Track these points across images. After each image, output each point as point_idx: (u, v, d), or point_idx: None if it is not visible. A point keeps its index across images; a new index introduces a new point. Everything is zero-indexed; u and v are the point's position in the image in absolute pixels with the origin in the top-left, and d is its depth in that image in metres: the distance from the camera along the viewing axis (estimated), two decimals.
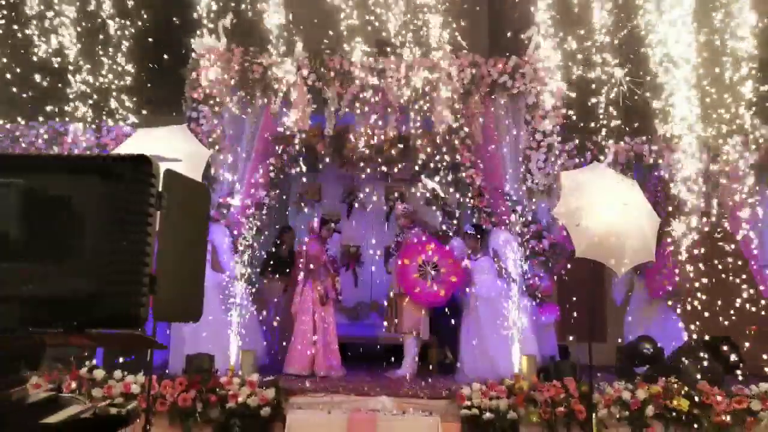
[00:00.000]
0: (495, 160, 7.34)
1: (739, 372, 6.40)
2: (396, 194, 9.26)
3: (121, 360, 5.67)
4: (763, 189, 7.46)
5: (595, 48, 6.92)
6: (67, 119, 7.01)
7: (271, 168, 7.29)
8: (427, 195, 9.01)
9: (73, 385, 5.29)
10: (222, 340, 5.92)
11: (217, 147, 7.04)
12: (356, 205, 9.26)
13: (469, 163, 7.36)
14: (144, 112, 7.17)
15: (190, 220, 1.52)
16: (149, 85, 8.07)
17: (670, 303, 7.36)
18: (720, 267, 7.03)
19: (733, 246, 7.49)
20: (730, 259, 7.35)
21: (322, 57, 7.21)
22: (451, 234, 7.94)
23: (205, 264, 1.57)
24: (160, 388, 5.27)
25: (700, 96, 6.83)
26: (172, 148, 4.47)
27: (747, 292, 7.37)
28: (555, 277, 7.21)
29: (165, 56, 7.44)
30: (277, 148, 7.31)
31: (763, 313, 7.42)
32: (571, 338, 6.94)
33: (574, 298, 6.56)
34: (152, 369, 4.95)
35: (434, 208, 8.85)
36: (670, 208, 7.12)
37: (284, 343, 6.82)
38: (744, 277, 7.40)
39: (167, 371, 5.98)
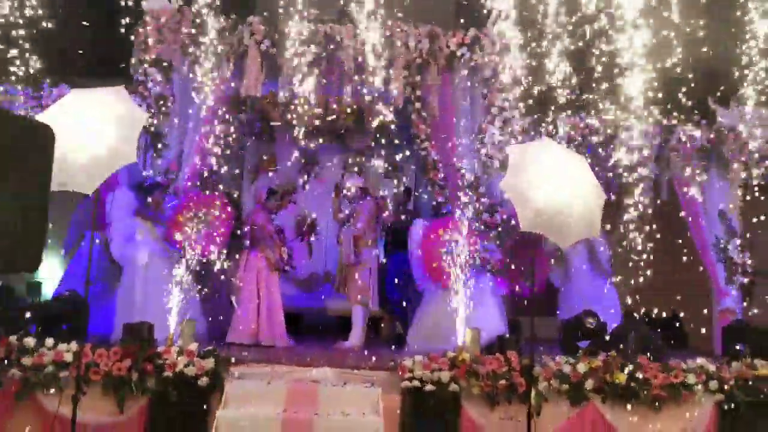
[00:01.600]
0: (450, 133, 7.34)
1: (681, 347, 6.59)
2: (353, 166, 9.21)
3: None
4: (711, 172, 7.61)
5: (555, 25, 6.96)
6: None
7: (223, 135, 7.16)
8: (386, 167, 9.04)
9: (2, 353, 5.17)
10: (164, 310, 5.84)
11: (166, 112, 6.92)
12: (313, 175, 9.20)
13: (424, 136, 7.34)
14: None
15: (23, 164, 1.43)
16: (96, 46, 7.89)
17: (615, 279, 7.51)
18: (668, 244, 7.18)
19: (682, 225, 7.67)
20: (678, 238, 7.53)
21: (276, 22, 7.07)
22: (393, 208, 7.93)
23: (47, 210, 1.49)
24: (94, 356, 5.16)
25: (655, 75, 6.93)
26: (106, 110, 4.37)
27: (693, 270, 7.60)
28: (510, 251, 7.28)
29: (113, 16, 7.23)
30: (228, 114, 7.18)
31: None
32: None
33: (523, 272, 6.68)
34: (86, 337, 4.88)
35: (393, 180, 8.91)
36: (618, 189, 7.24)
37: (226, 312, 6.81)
38: (692, 256, 7.62)
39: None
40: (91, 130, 4.31)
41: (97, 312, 6.24)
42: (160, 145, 6.97)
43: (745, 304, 7.25)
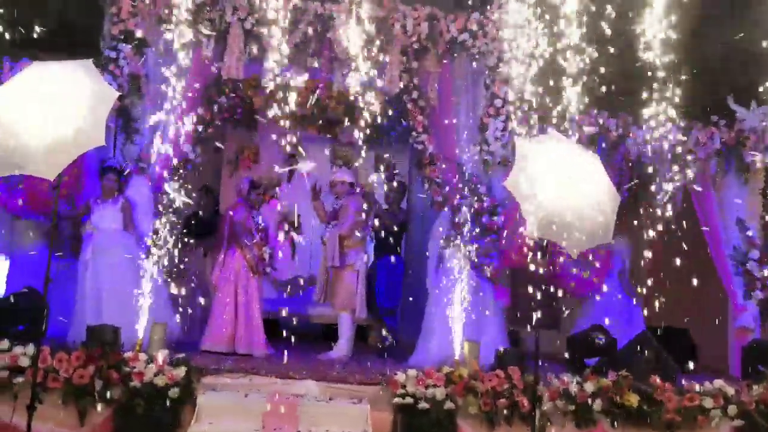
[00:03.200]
0: (449, 126, 7.22)
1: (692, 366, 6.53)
2: (341, 160, 9.08)
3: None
4: (729, 176, 7.58)
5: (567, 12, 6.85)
6: None
7: (201, 121, 6.99)
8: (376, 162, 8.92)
9: None
10: (130, 311, 5.67)
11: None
12: (298, 169, 9.05)
13: (421, 129, 7.23)
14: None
15: None
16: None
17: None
18: (681, 254, 7.11)
19: (697, 233, 7.61)
20: (692, 248, 7.47)
21: None
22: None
23: None
24: (53, 361, 4.99)
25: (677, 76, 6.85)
26: (71, 86, 4.18)
27: (707, 282, 7.52)
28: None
29: None
30: (207, 98, 7.01)
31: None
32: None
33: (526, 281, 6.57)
34: (44, 339, 4.71)
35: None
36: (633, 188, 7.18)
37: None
38: (707, 268, 7.56)
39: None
40: (54, 108, 4.12)
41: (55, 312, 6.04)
42: (131, 130, 6.78)
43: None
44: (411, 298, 7.58)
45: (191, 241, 6.99)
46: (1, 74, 6.60)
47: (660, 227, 6.95)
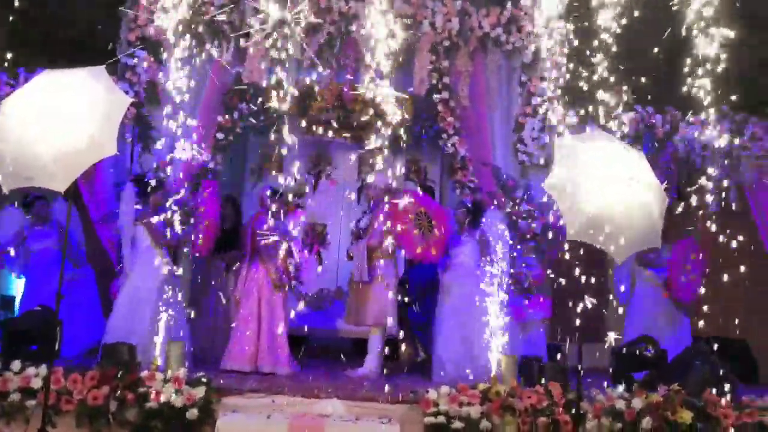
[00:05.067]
0: (482, 127, 7.13)
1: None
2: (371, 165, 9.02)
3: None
4: None
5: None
6: None
7: (222, 129, 7.00)
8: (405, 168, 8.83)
9: None
10: (150, 329, 5.67)
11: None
12: (324, 177, 9.01)
13: (452, 130, 7.14)
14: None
15: None
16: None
17: None
18: (734, 260, 6.87)
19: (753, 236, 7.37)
20: (748, 253, 7.22)
21: None
22: None
23: None
24: (67, 382, 4.97)
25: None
26: (82, 93, 4.19)
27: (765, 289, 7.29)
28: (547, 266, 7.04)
29: None
30: (227, 104, 7.02)
31: None
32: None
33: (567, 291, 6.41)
34: (56, 359, 4.70)
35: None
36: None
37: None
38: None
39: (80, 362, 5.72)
40: (65, 117, 4.13)
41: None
42: (149, 139, 6.81)
43: None
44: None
45: (213, 253, 6.96)
46: (16, 86, 6.69)
47: (712, 229, 6.73)
